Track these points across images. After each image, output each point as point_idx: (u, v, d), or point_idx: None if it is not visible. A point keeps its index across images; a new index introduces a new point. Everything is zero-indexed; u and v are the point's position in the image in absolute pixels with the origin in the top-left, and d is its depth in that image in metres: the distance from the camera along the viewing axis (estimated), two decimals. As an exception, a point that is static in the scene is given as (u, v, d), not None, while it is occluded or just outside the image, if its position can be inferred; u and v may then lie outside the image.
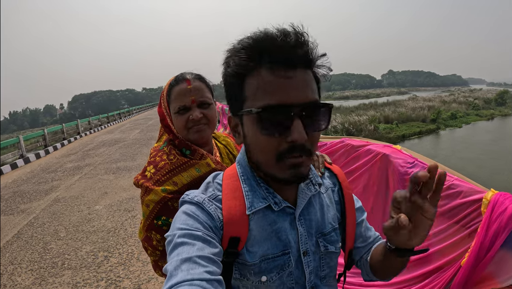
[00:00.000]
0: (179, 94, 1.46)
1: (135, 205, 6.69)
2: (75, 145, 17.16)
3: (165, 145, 1.53)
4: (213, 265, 0.76)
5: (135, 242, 5.05)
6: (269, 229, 0.92)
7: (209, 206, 0.89)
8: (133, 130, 20.12)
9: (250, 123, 0.83)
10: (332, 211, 1.05)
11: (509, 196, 1.71)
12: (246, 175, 0.95)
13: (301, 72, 0.79)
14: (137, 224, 5.73)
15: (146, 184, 1.40)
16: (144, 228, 1.43)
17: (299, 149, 0.80)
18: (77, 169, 10.93)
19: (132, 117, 35.18)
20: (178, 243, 0.79)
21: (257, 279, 0.90)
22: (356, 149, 2.85)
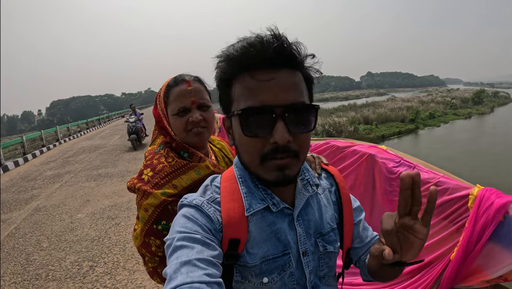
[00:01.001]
0: (179, 96, 1.44)
1: (118, 213, 6.60)
2: (54, 152, 16.83)
3: (161, 147, 1.50)
4: (212, 267, 0.76)
5: (120, 250, 4.98)
6: (268, 230, 0.93)
7: (208, 209, 0.90)
8: (113, 136, 19.89)
9: (236, 125, 0.86)
10: (330, 211, 1.06)
11: (495, 191, 1.76)
12: (244, 177, 0.96)
13: (286, 73, 0.82)
14: (121, 231, 5.65)
15: (144, 188, 1.35)
16: (142, 234, 1.38)
17: (282, 150, 0.81)
18: (57, 176, 10.71)
19: (112, 122, 34.80)
20: (177, 246, 0.79)
21: (258, 280, 0.91)
22: (341, 150, 2.87)
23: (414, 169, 2.26)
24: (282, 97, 0.80)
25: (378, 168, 2.53)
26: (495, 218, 1.66)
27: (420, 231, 0.76)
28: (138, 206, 1.40)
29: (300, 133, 0.83)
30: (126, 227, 5.85)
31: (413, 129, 31.08)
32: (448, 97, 56.79)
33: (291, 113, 0.80)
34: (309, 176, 1.02)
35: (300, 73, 0.86)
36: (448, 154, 19.95)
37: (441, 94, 73.62)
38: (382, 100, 53.92)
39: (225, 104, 0.91)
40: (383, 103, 46.01)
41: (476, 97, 55.10)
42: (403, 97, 63.75)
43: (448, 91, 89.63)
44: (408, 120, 34.07)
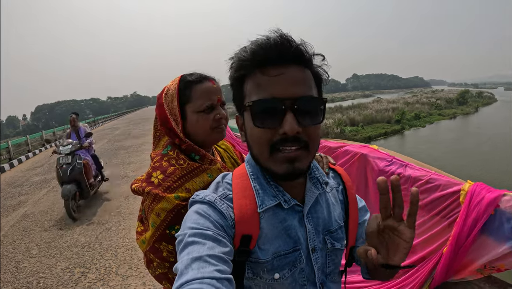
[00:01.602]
0: (207, 92, 1.41)
1: (108, 218, 6.53)
2: (40, 157, 16.57)
3: (169, 148, 1.44)
4: (223, 264, 0.77)
5: (112, 256, 4.92)
6: (279, 226, 0.94)
7: (221, 205, 0.91)
8: (101, 141, 19.61)
9: (247, 119, 0.89)
10: (338, 210, 1.08)
11: (485, 186, 1.83)
12: (256, 174, 0.98)
13: (294, 69, 0.85)
14: (112, 236, 5.59)
15: (155, 191, 1.29)
16: (153, 239, 1.32)
17: (292, 140, 0.83)
18: (44, 182, 10.57)
19: (98, 127, 34.43)
20: (188, 242, 0.80)
21: (270, 276, 0.92)
22: (333, 150, 2.91)
23: (406, 167, 2.31)
24: (291, 91, 0.83)
25: (370, 167, 2.58)
26: (486, 212, 1.72)
27: (405, 232, 0.78)
28: (148, 210, 1.33)
29: (309, 125, 0.85)
30: (117, 232, 5.79)
31: (399, 130, 31.46)
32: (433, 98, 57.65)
33: (300, 106, 0.83)
34: (318, 174, 1.04)
35: (309, 71, 0.89)
36: (434, 153, 20.21)
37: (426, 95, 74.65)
38: (368, 102, 54.39)
39: (238, 102, 0.94)
40: (368, 105, 46.44)
41: (461, 98, 56.04)
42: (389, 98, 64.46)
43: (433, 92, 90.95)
44: (394, 121, 34.48)
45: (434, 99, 54.26)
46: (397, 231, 0.79)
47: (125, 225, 6.09)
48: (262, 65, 0.85)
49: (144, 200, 1.37)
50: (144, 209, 1.38)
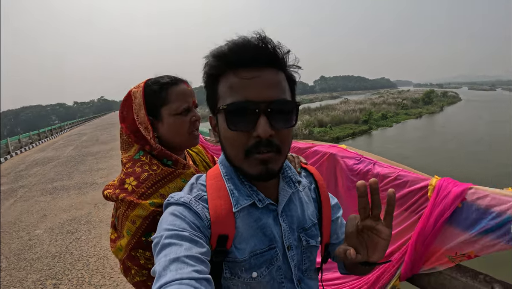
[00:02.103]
0: (183, 95, 1.40)
1: (78, 226, 6.39)
2: (5, 165, 16.03)
3: (141, 154, 1.40)
4: (201, 264, 0.78)
5: (84, 265, 4.82)
6: (254, 225, 0.96)
7: (196, 206, 0.92)
8: (67, 147, 19.25)
9: (221, 121, 0.90)
10: (311, 207, 1.11)
11: (452, 181, 1.91)
12: (230, 174, 0.99)
13: (268, 72, 0.86)
14: (83, 246, 5.47)
15: (129, 198, 1.26)
16: (129, 247, 1.29)
17: (265, 144, 0.85)
18: (11, 191, 10.22)
19: (65, 133, 33.62)
20: (165, 244, 0.80)
21: (248, 275, 0.94)
22: (303, 151, 2.93)
23: (374, 165, 2.36)
24: (265, 94, 0.84)
25: (340, 166, 2.62)
26: (452, 204, 1.79)
27: (383, 231, 0.81)
28: (123, 217, 1.30)
29: (282, 129, 0.87)
30: (87, 241, 5.68)
31: (366, 130, 32.18)
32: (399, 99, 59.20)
33: (274, 109, 0.84)
34: (291, 173, 1.07)
35: (283, 73, 0.91)
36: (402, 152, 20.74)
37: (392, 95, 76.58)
38: (336, 103, 55.40)
39: (212, 102, 0.95)
40: (336, 106, 47.39)
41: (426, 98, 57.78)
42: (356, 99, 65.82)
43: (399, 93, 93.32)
44: (361, 121, 35.24)
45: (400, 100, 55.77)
46: (376, 230, 0.82)
47: (96, 233, 5.97)
48: (236, 66, 0.86)
49: (118, 207, 1.35)
50: (118, 216, 1.35)
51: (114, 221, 1.47)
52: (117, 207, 1.38)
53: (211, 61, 0.89)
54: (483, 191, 1.79)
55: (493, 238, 1.69)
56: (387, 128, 33.99)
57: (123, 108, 1.46)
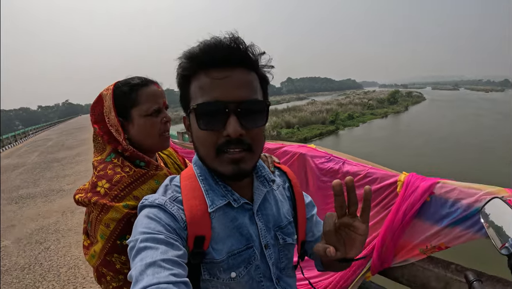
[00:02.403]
0: (153, 96, 1.38)
1: (46, 236, 6.19)
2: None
3: (113, 156, 1.37)
4: (178, 267, 0.77)
5: (55, 276, 4.65)
6: (231, 225, 0.96)
7: (172, 208, 0.91)
8: (32, 154, 18.63)
9: (193, 121, 0.90)
10: (286, 206, 1.12)
11: (419, 176, 1.97)
12: (204, 175, 0.99)
13: (240, 72, 0.87)
14: (52, 256, 5.30)
15: (102, 201, 1.22)
16: (104, 252, 1.25)
17: (235, 142, 0.86)
18: (-27, 203, 9.88)
19: (29, 139, 32.63)
20: (141, 247, 0.80)
21: (227, 276, 0.93)
22: (273, 151, 2.96)
23: (344, 163, 2.40)
24: (235, 94, 0.84)
25: (310, 165, 2.65)
26: (421, 198, 1.85)
27: (360, 227, 0.82)
28: (96, 221, 1.26)
29: (252, 128, 0.88)
30: (57, 250, 5.50)
31: (333, 130, 32.75)
32: (365, 99, 60.56)
33: (243, 109, 0.85)
34: (265, 172, 1.07)
35: (255, 73, 0.91)
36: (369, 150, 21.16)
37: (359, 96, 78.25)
38: (303, 105, 56.10)
39: (184, 103, 0.95)
40: (303, 107, 48.05)
41: (392, 98, 59.34)
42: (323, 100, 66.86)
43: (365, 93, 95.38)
44: (328, 122, 35.86)
45: (366, 100, 57.09)
46: (353, 227, 0.82)
47: (65, 242, 5.79)
48: (207, 67, 0.86)
49: (90, 211, 1.30)
50: (91, 220, 1.30)
51: (87, 227, 1.42)
52: (89, 212, 1.32)
53: (183, 62, 0.89)
54: (451, 184, 1.86)
55: (462, 229, 1.76)
56: (354, 128, 34.72)
57: (94, 110, 1.44)
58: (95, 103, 1.43)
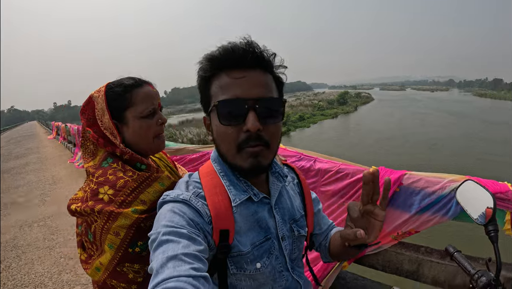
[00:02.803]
0: (148, 97, 1.33)
1: (5, 253, 5.69)
2: None
3: (111, 160, 1.30)
4: (198, 262, 0.78)
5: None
6: (251, 219, 1.00)
7: (196, 203, 0.94)
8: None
9: (214, 118, 0.95)
10: (297, 200, 1.18)
11: (388, 169, 2.19)
12: (224, 171, 1.03)
13: (256, 73, 0.93)
14: (15, 274, 5.00)
15: (109, 209, 1.15)
16: (114, 262, 1.18)
17: (255, 138, 0.90)
18: None
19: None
20: (163, 240, 0.81)
21: (253, 267, 0.97)
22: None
23: (315, 161, 2.55)
24: (253, 92, 0.90)
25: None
26: (391, 189, 2.02)
27: (379, 214, 0.90)
28: (102, 231, 1.18)
29: (270, 124, 0.93)
30: (19, 269, 5.17)
31: (285, 131, 33.10)
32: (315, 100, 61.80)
33: (261, 106, 0.90)
34: (278, 168, 1.13)
35: (270, 75, 0.97)
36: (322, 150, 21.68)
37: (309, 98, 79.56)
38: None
39: (205, 102, 1.00)
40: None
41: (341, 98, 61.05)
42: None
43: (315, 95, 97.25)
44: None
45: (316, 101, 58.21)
46: (373, 214, 0.91)
47: (26, 259, 5.54)
48: (227, 68, 0.92)
49: (92, 221, 1.21)
50: (94, 231, 1.21)
51: (82, 239, 1.34)
52: (90, 222, 1.22)
53: (204, 65, 0.95)
54: (417, 175, 2.07)
55: (430, 214, 1.97)
56: (305, 129, 35.15)
57: (85, 114, 1.38)
58: (86, 106, 1.38)
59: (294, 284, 1.10)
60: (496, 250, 1.00)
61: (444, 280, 2.09)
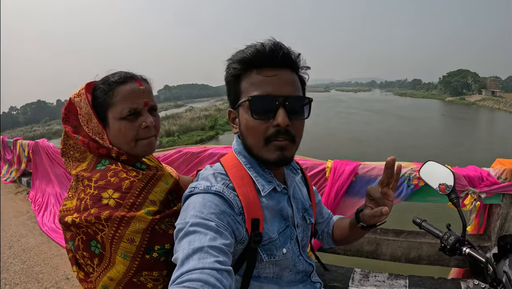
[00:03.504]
0: (130, 95, 1.17)
1: None
2: None
3: (107, 162, 1.18)
4: (224, 256, 0.79)
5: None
6: (276, 207, 1.06)
7: (229, 194, 0.96)
8: None
9: (244, 112, 0.99)
10: (305, 191, 1.26)
11: (344, 162, 2.40)
12: (250, 163, 1.05)
13: (284, 72, 0.98)
14: None
15: (118, 214, 1.03)
16: (130, 273, 1.05)
17: (283, 132, 0.95)
18: None
19: None
20: (190, 231, 0.83)
21: (280, 252, 1.03)
22: (197, 155, 3.08)
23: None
24: (283, 90, 0.95)
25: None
26: (348, 179, 2.27)
27: (391, 195, 1.02)
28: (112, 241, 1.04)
29: (297, 120, 0.98)
30: None
31: (213, 135, 33.33)
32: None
33: (290, 103, 0.95)
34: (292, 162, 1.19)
35: (296, 75, 1.03)
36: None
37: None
38: (181, 112, 56.01)
39: (234, 97, 1.03)
40: (182, 114, 48.17)
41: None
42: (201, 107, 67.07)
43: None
44: (208, 127, 36.24)
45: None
46: (387, 195, 1.02)
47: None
48: (258, 66, 0.96)
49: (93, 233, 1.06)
50: (103, 242, 1.05)
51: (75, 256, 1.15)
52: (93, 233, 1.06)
53: (235, 63, 0.99)
54: (370, 164, 2.31)
55: None
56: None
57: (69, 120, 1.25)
58: (68, 113, 1.25)
59: (308, 266, 1.19)
60: (460, 212, 1.18)
61: (401, 255, 2.35)
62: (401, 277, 2.28)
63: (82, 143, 1.20)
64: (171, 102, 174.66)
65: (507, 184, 2.20)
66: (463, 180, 2.21)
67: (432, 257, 2.35)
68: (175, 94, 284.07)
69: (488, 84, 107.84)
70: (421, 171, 1.34)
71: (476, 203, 2.26)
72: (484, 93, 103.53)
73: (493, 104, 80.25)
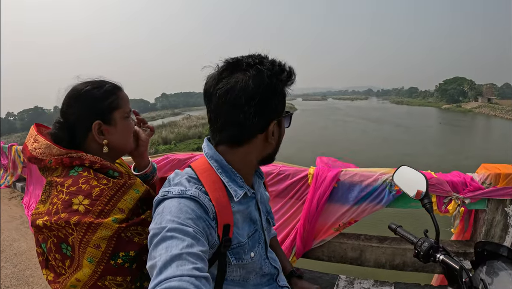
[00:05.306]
0: (127, 100, 1.32)
1: None
2: None
3: (80, 169, 1.19)
4: (201, 262, 0.79)
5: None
6: (245, 212, 1.08)
7: (203, 199, 0.94)
8: None
9: (282, 123, 1.11)
10: (266, 195, 1.30)
11: (326, 168, 2.38)
12: (222, 168, 1.03)
13: None
14: None
15: (87, 220, 1.06)
16: (95, 277, 1.09)
17: None
18: None
19: None
20: (167, 236, 0.81)
21: (248, 256, 1.05)
22: (183, 162, 3.12)
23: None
24: None
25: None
26: (330, 185, 2.25)
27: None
28: (80, 245, 1.08)
29: None
30: None
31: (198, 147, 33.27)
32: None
33: None
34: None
35: None
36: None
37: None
38: (178, 120, 56.35)
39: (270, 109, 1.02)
40: (179, 123, 48.52)
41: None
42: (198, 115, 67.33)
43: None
44: (204, 135, 36.38)
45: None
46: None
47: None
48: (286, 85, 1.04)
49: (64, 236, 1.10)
50: (72, 244, 1.10)
51: (44, 259, 1.21)
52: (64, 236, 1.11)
53: (284, 78, 1.02)
54: (352, 171, 2.29)
55: (366, 204, 2.21)
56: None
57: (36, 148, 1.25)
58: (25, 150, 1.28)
59: (273, 269, 1.21)
60: (433, 218, 1.16)
61: (385, 261, 2.33)
62: (386, 284, 2.28)
63: (56, 163, 1.22)
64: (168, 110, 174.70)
65: (491, 189, 2.19)
66: (446, 186, 2.19)
67: (417, 263, 2.33)
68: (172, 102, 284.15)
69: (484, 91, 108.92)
70: (395, 176, 1.33)
71: (460, 209, 2.23)
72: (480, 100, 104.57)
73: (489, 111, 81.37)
